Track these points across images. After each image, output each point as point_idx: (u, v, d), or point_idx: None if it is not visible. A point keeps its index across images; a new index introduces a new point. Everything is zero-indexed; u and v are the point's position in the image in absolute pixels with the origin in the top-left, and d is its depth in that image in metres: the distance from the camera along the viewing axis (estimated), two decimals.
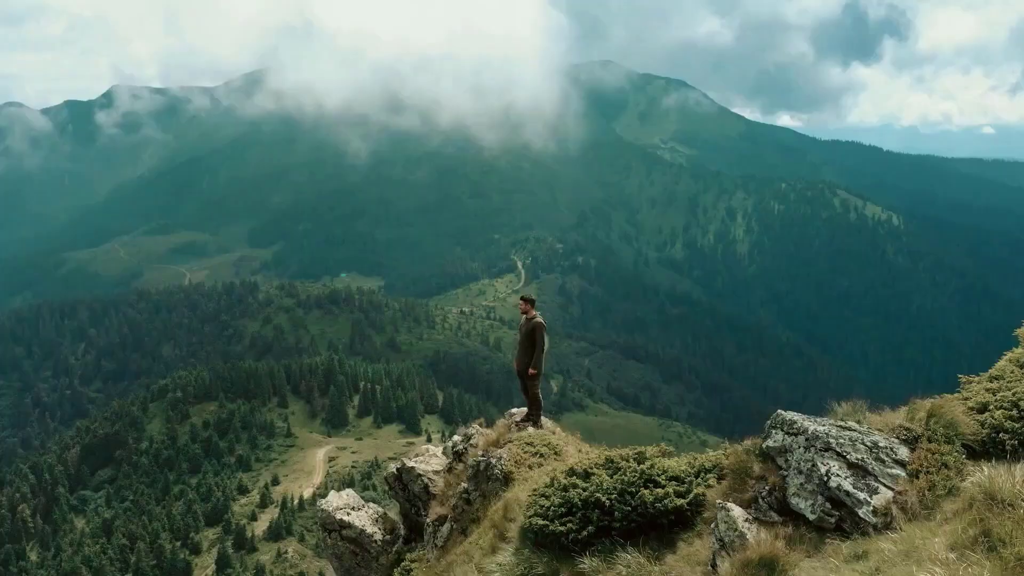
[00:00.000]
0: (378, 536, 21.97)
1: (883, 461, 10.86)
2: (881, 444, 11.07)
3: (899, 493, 10.58)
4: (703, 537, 12.93)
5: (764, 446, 11.82)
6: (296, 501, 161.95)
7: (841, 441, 10.96)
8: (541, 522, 14.39)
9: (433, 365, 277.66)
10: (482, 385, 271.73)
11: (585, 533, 13.86)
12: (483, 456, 18.88)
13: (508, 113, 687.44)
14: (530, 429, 20.63)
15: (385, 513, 23.21)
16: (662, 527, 13.62)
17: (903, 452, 11.12)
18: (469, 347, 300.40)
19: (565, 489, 14.66)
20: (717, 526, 11.37)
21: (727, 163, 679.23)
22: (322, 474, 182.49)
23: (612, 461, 14.96)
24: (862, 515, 10.42)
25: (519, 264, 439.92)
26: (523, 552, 14.62)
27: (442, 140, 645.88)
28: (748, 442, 12.59)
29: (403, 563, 20.99)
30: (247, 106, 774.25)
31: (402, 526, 22.36)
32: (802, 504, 10.86)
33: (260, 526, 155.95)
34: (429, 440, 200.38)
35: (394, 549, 21.74)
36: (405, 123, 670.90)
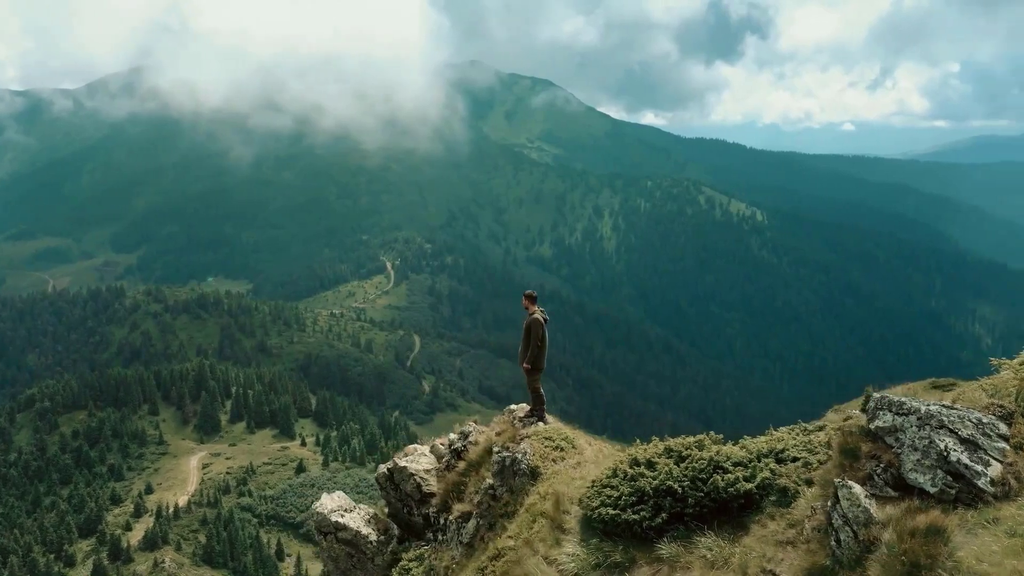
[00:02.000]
0: (373, 537, 22.07)
1: (989, 436, 11.51)
2: (984, 421, 11.65)
3: (1009, 464, 11.37)
4: (776, 519, 13.57)
5: (872, 426, 12.26)
6: (171, 509, 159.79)
7: (952, 419, 11.59)
8: (612, 512, 14.81)
9: (305, 368, 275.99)
10: (354, 387, 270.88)
11: (659, 520, 14.35)
12: (507, 452, 19.04)
13: (381, 113, 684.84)
14: (541, 425, 20.79)
15: (376, 513, 23.50)
16: (731, 511, 14.17)
17: (1003, 427, 11.72)
18: (340, 349, 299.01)
19: (633, 479, 15.08)
20: (838, 503, 11.64)
21: (593, 162, 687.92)
22: (196, 481, 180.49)
23: (672, 450, 15.46)
24: (981, 485, 11.07)
25: (388, 265, 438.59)
26: (590, 542, 14.99)
27: (311, 141, 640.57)
28: (851, 423, 13.19)
29: (401, 563, 21.32)
30: (113, 108, 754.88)
31: (395, 526, 22.66)
32: (921, 478, 11.41)
33: (135, 536, 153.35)
34: (303, 444, 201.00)
35: (389, 549, 21.87)
36: (275, 122, 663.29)
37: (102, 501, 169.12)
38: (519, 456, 18.55)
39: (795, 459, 14.64)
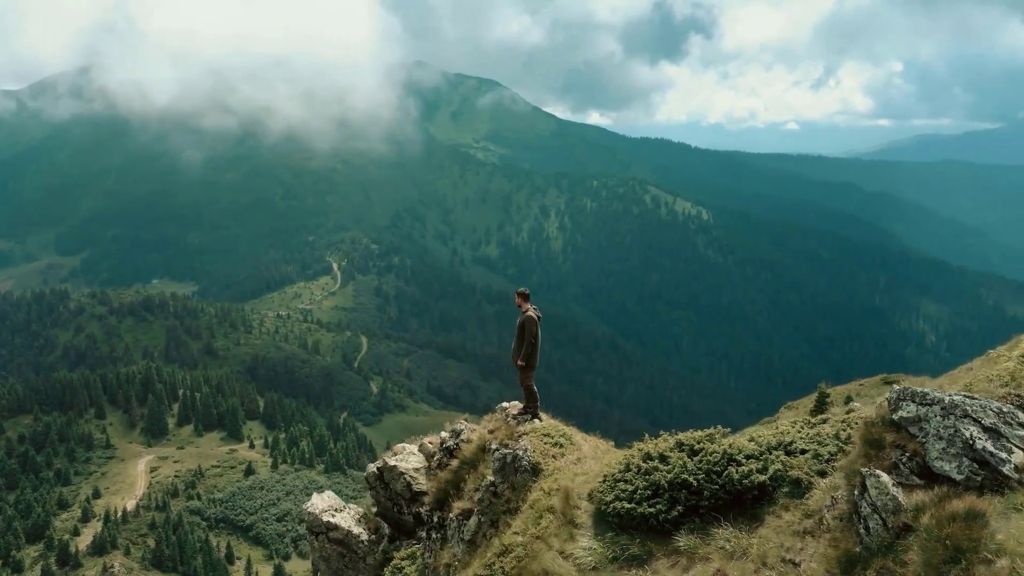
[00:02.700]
0: (364, 536, 22.26)
1: (1010, 424, 11.78)
2: (1004, 410, 11.94)
3: None
4: (790, 509, 13.87)
5: (896, 417, 12.46)
6: (119, 514, 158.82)
7: (974, 408, 11.80)
8: (628, 505, 15.00)
9: (252, 370, 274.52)
10: (302, 389, 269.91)
11: (675, 513, 14.57)
12: (507, 449, 19.16)
13: (329, 114, 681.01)
14: (536, 422, 20.88)
15: (366, 513, 23.60)
16: (744, 503, 14.40)
17: (1022, 416, 12.00)
18: (287, 351, 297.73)
19: (648, 473, 15.30)
20: (866, 492, 11.89)
21: (539, 161, 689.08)
22: (144, 485, 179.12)
23: (684, 444, 15.73)
24: (1007, 472, 11.34)
25: (335, 266, 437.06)
26: (605, 536, 15.18)
27: (258, 141, 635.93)
28: (873, 414, 13.27)
29: (393, 562, 21.48)
30: (58, 108, 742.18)
31: (385, 525, 22.78)
32: (947, 466, 11.63)
33: (84, 541, 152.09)
34: (252, 447, 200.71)
35: (380, 548, 22.06)
36: (224, 123, 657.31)
37: (49, 506, 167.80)
38: (520, 453, 18.78)
39: (803, 451, 14.97)
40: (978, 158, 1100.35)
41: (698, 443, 15.58)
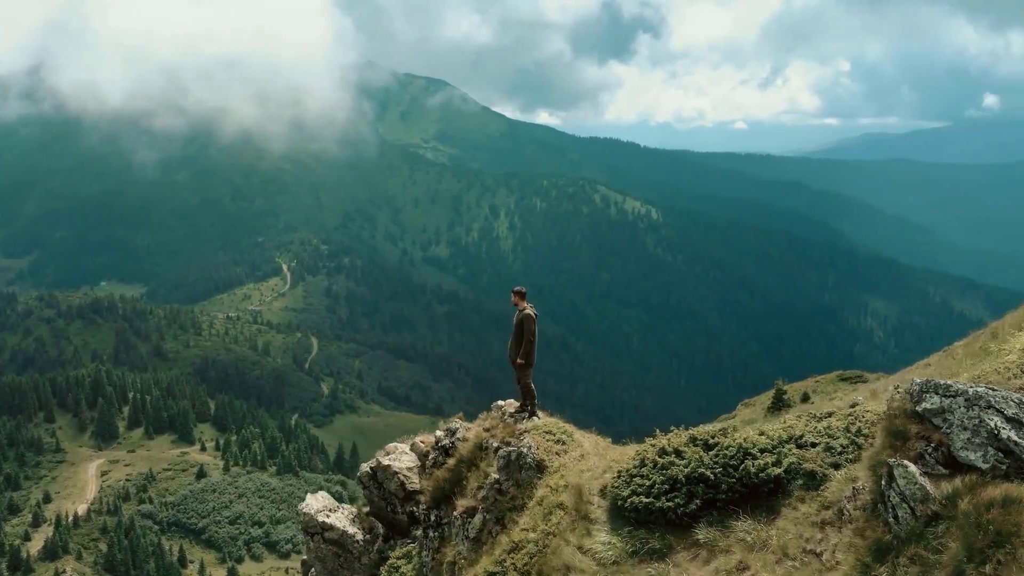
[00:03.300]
0: (359, 536, 22.42)
1: None
2: None
3: None
4: (806, 501, 14.17)
5: (920, 408, 12.69)
6: (70, 518, 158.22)
7: (998, 399, 12.03)
8: (645, 500, 15.18)
9: (202, 372, 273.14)
10: (253, 390, 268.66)
11: (693, 506, 14.79)
12: (512, 447, 19.30)
13: (281, 114, 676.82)
14: (536, 420, 20.98)
15: (360, 512, 23.67)
16: (760, 496, 14.62)
17: None
18: (238, 353, 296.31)
19: (664, 468, 15.50)
20: (894, 482, 12.16)
21: (489, 161, 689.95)
22: (95, 489, 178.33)
23: (698, 438, 16.00)
24: None
25: (285, 267, 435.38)
26: (623, 531, 15.40)
27: (206, 141, 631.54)
28: (895, 406, 13.45)
29: (389, 561, 21.72)
30: (5, 109, 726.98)
31: (380, 524, 22.96)
32: (972, 456, 11.84)
33: (35, 546, 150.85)
34: (203, 449, 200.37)
35: (375, 548, 22.25)
36: (175, 124, 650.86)
37: None
38: (525, 451, 18.96)
39: (814, 444, 15.19)
40: (925, 157, 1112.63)
41: (712, 437, 15.96)
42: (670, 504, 14.91)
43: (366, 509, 23.69)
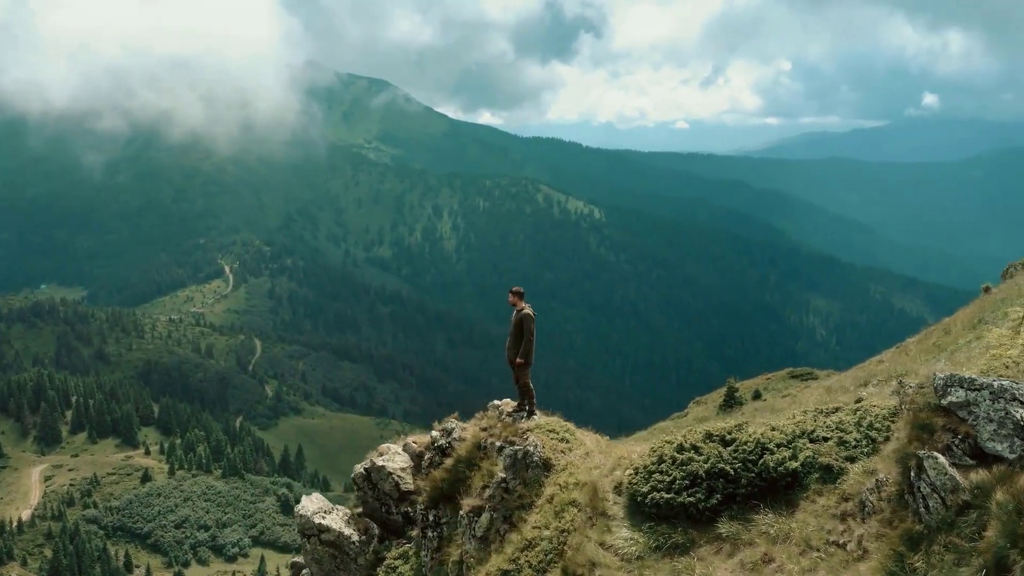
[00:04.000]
0: (355, 537, 22.55)
1: None
2: None
3: None
4: (823, 494, 14.54)
5: (945, 402, 12.98)
6: (14, 524, 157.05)
7: (1021, 392, 12.42)
8: (667, 496, 15.48)
9: (145, 375, 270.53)
10: (196, 393, 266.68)
11: (713, 501, 15.12)
12: (518, 446, 19.45)
13: (223, 114, 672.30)
14: (536, 419, 21.11)
15: (354, 513, 23.78)
16: (778, 490, 14.94)
17: None
18: (181, 355, 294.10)
19: (684, 464, 15.82)
20: (924, 473, 12.49)
21: (432, 161, 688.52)
22: (39, 495, 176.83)
23: (713, 435, 16.32)
24: None
25: (227, 269, 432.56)
26: (643, 526, 15.70)
27: (149, 142, 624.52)
28: (919, 400, 13.74)
29: (386, 562, 21.93)
30: None
31: (375, 525, 23.07)
32: (999, 447, 12.19)
33: None
34: (147, 453, 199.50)
35: (371, 549, 22.42)
36: (118, 125, 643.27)
37: None
38: (531, 449, 19.16)
39: (826, 439, 15.51)
40: (865, 155, 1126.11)
41: (729, 433, 16.23)
42: (691, 499, 15.30)
43: (358, 510, 23.87)
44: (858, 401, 16.87)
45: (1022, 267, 48.11)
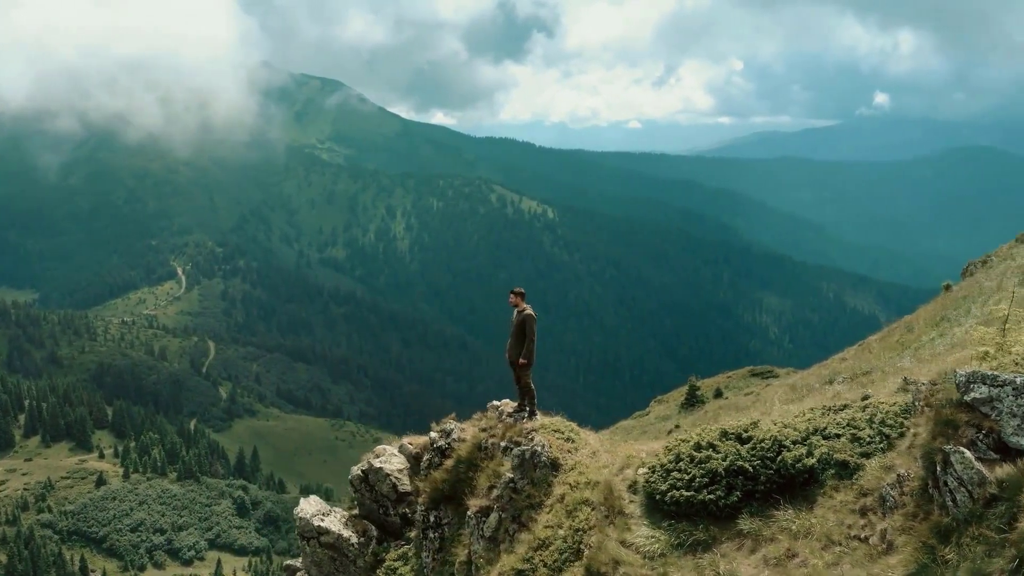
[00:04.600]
0: (354, 539, 22.66)
1: None
2: None
3: None
4: (840, 490, 14.82)
5: (968, 398, 13.26)
6: None
7: None
8: (687, 493, 15.71)
9: (98, 378, 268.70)
10: (150, 396, 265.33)
11: (733, 498, 15.34)
12: (525, 446, 19.55)
13: (178, 115, 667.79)
14: (539, 419, 21.18)
15: (352, 515, 23.90)
16: (795, 486, 15.20)
17: None
18: (134, 358, 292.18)
19: (702, 462, 16.06)
20: (951, 467, 12.76)
21: (385, 162, 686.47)
22: None
23: (729, 433, 16.57)
24: None
25: (179, 270, 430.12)
26: (662, 524, 15.91)
27: (102, 142, 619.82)
28: (941, 396, 14.14)
29: (385, 563, 22.02)
30: None
31: (372, 527, 23.17)
32: (1023, 441, 12.55)
33: None
34: (102, 456, 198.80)
35: (370, 550, 22.53)
36: (69, 126, 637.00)
37: None
38: (539, 449, 19.27)
39: (838, 435, 15.77)
40: (817, 155, 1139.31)
41: (745, 431, 16.44)
42: (711, 497, 15.53)
43: (354, 512, 24.02)
44: (865, 399, 17.30)
45: (982, 265, 49.02)
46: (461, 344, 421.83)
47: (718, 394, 70.78)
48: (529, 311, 21.58)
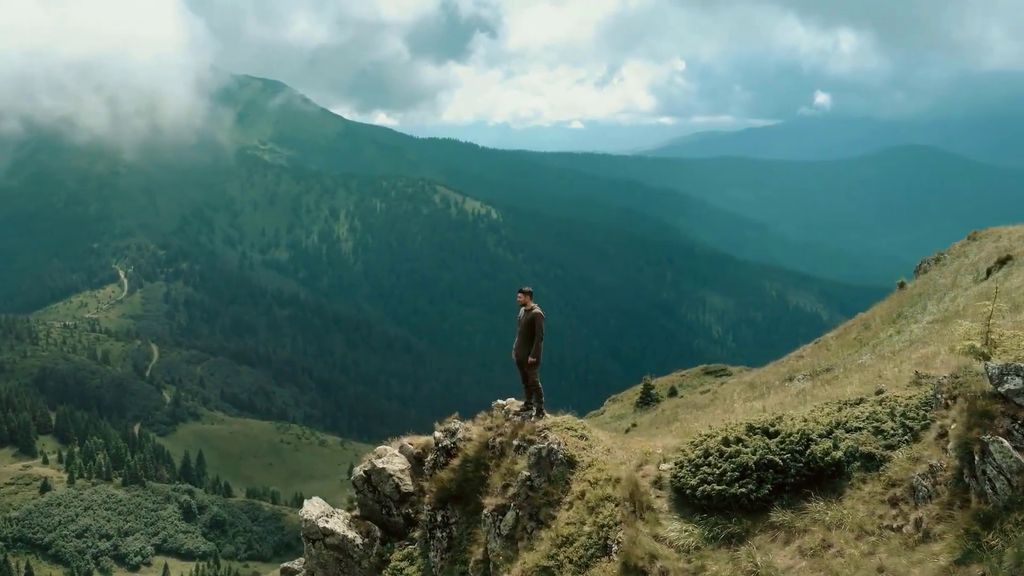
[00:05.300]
0: (358, 540, 22.82)
1: None
2: None
3: None
4: (867, 482, 15.12)
5: (1002, 390, 13.58)
6: None
7: None
8: (718, 487, 15.96)
9: (40, 383, 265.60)
10: (93, 400, 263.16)
11: (765, 491, 15.60)
12: (543, 444, 19.66)
13: (116, 115, 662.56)
14: (548, 418, 21.24)
15: (354, 516, 24.05)
16: (823, 478, 15.50)
17: None
18: (76, 362, 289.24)
19: (732, 456, 16.30)
20: (989, 456, 13.08)
21: (328, 163, 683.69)
22: None
23: (755, 427, 16.79)
24: None
25: (122, 273, 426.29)
26: (693, 518, 16.22)
27: (41, 145, 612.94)
28: (976, 388, 14.44)
29: (391, 564, 22.23)
30: None
31: (376, 527, 23.33)
32: None
33: None
34: (46, 462, 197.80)
35: (374, 551, 22.70)
36: (11, 128, 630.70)
37: None
38: (555, 447, 19.41)
39: (859, 429, 16.07)
40: (758, 154, 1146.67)
41: (772, 426, 16.67)
42: (743, 490, 15.76)
43: (355, 513, 24.15)
44: (879, 392, 17.48)
45: (935, 262, 50.66)
46: (405, 345, 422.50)
47: (672, 393, 72.09)
48: (538, 310, 21.56)
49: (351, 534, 22.94)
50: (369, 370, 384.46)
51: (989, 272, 38.57)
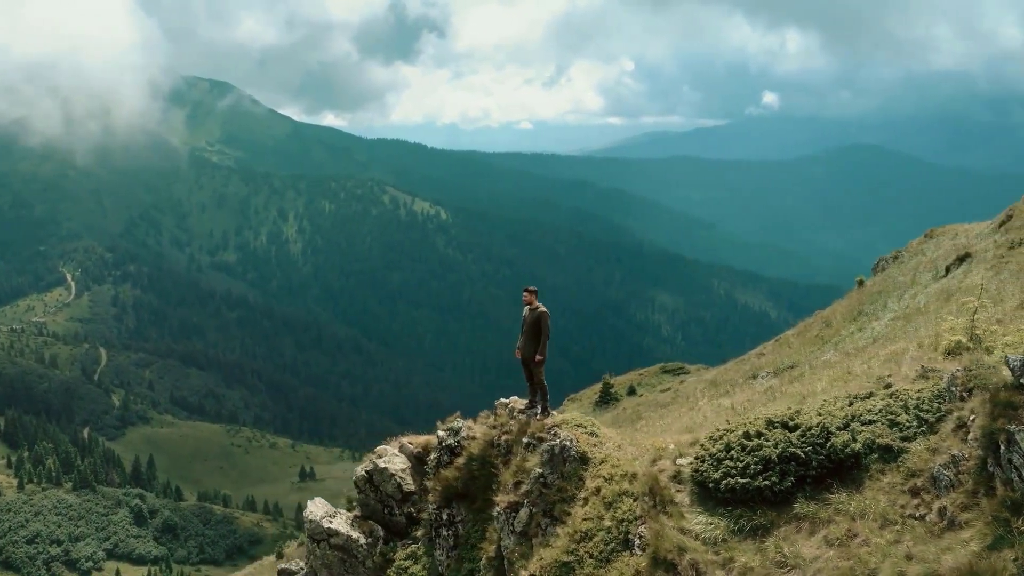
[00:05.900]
0: (362, 540, 22.97)
1: None
2: None
3: None
4: (886, 473, 15.38)
5: (1023, 382, 13.99)
6: None
7: None
8: (742, 480, 16.25)
9: None
10: (41, 404, 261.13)
11: (788, 483, 15.89)
12: (555, 441, 19.79)
13: (63, 115, 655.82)
14: (555, 415, 21.43)
15: (356, 516, 24.16)
16: (843, 470, 15.81)
17: None
18: (24, 366, 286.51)
19: (754, 450, 16.57)
20: (1016, 445, 13.26)
21: (276, 164, 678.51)
22: None
23: (774, 421, 17.10)
24: None
25: (69, 276, 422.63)
26: (716, 511, 16.52)
27: None
28: (996, 381, 14.76)
29: (395, 563, 22.42)
30: None
31: (379, 527, 23.45)
32: None
33: None
34: None
35: (377, 551, 22.86)
36: None
37: None
38: (568, 444, 19.57)
39: (873, 422, 16.40)
40: (707, 154, 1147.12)
41: (791, 419, 16.99)
42: (767, 483, 16.06)
43: (356, 512, 24.34)
44: (887, 387, 17.71)
45: (893, 260, 51.58)
46: (355, 346, 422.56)
47: (631, 391, 73.12)
48: (543, 309, 21.56)
49: (355, 534, 23.22)
50: (319, 371, 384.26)
51: (948, 270, 39.39)
